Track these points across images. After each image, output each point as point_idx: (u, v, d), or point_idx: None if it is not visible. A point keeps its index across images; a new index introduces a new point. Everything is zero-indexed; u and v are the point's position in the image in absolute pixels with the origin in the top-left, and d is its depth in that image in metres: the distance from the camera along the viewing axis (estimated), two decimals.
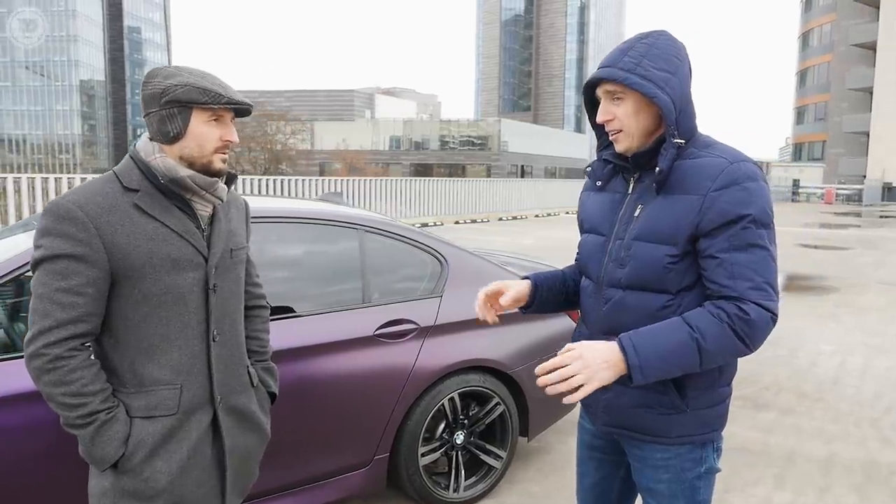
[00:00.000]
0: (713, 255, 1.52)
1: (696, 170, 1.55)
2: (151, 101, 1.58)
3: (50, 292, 1.49)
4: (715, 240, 1.51)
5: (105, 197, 1.55)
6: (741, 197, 1.50)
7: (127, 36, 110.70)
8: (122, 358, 1.59)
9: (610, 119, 1.61)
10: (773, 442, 4.11)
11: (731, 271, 1.50)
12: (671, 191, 1.57)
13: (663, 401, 1.62)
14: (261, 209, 2.93)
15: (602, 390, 1.68)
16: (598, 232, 1.74)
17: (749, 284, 1.49)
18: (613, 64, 1.58)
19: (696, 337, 1.48)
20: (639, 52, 1.57)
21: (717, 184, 1.52)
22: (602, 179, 1.75)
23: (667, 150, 1.56)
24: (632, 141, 1.62)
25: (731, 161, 1.54)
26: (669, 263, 1.56)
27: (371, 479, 2.94)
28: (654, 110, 1.58)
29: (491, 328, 3.20)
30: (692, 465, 1.67)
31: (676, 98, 1.55)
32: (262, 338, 1.96)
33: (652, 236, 1.58)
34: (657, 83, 1.54)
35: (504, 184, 26.91)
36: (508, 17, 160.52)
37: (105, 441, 1.53)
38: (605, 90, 1.61)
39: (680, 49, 1.61)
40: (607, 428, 1.76)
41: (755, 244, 1.50)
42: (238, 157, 49.18)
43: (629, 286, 1.62)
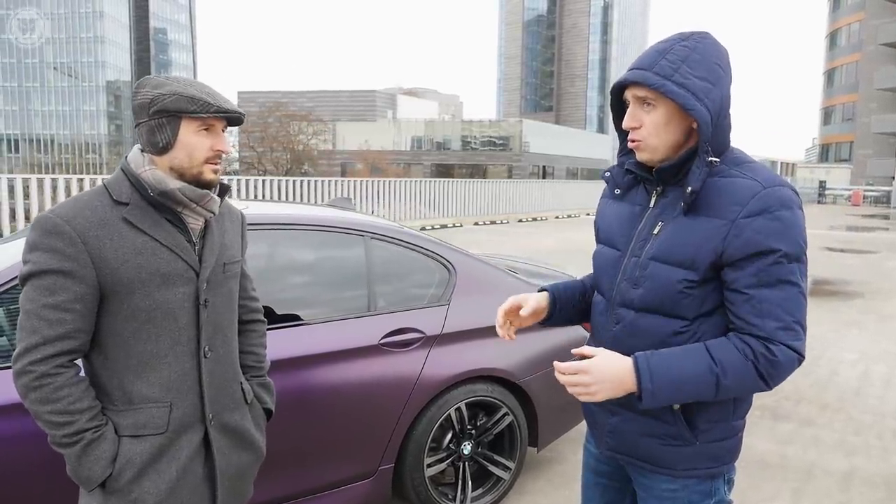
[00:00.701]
0: (740, 290, 1.41)
1: (726, 191, 1.43)
2: (141, 112, 1.55)
3: (37, 308, 1.46)
4: (742, 272, 1.40)
5: (94, 211, 1.52)
6: (773, 228, 1.38)
7: (153, 37, 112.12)
8: (111, 375, 1.56)
9: (637, 126, 1.48)
10: (791, 454, 4.00)
11: (759, 309, 1.39)
12: (697, 211, 1.45)
13: (671, 431, 1.53)
14: (266, 216, 2.92)
15: (609, 414, 1.63)
16: (612, 245, 1.63)
17: (778, 324, 1.39)
18: (649, 67, 1.43)
19: (716, 371, 1.40)
20: (678, 57, 1.42)
21: (747, 210, 1.39)
22: (621, 188, 1.63)
23: (699, 168, 1.42)
24: (655, 152, 1.49)
25: (766, 185, 1.41)
26: (686, 288, 1.45)
27: (376, 490, 2.90)
28: (685, 122, 1.45)
29: (498, 337, 3.15)
30: (700, 499, 1.58)
31: (715, 111, 1.42)
32: (259, 353, 1.92)
33: (670, 258, 1.47)
34: (696, 94, 1.40)
35: (524, 185, 26.79)
36: (531, 17, 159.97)
37: (92, 461, 1.50)
38: (634, 94, 1.47)
39: (723, 56, 1.47)
40: (612, 453, 1.67)
41: (786, 280, 1.40)
42: (260, 157, 49.60)
43: (642, 308, 1.51)
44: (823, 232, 19.76)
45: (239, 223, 1.83)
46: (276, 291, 2.84)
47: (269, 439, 2.50)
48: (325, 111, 78.67)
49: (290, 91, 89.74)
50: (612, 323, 1.59)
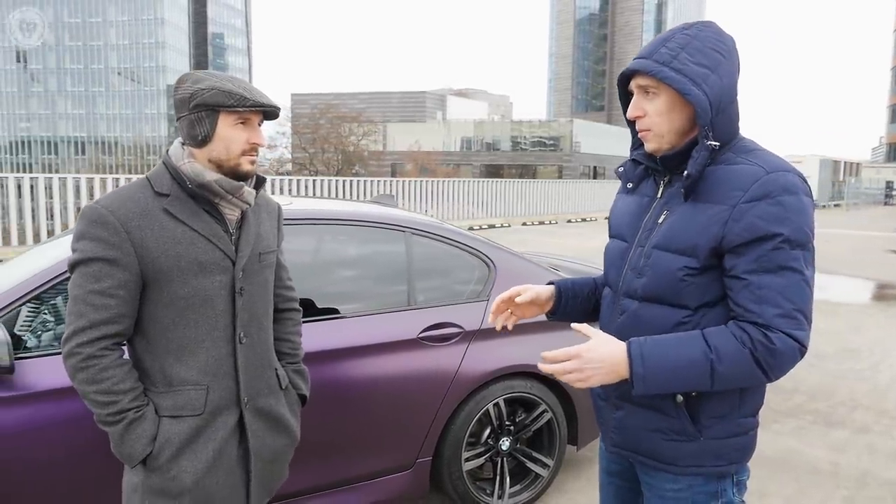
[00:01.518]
0: (739, 276, 1.39)
1: (728, 177, 1.42)
2: (181, 106, 1.62)
3: (84, 294, 1.55)
4: (741, 258, 1.38)
5: (136, 202, 1.59)
6: (774, 212, 1.36)
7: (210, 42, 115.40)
8: (152, 359, 1.64)
9: (640, 115, 1.49)
10: (844, 462, 3.87)
11: (758, 295, 1.36)
12: (699, 198, 1.45)
13: (674, 425, 1.49)
14: (310, 211, 2.98)
15: (614, 409, 1.61)
16: (621, 237, 1.63)
17: (777, 311, 1.35)
18: (649, 55, 1.45)
19: (710, 358, 1.36)
20: (678, 44, 1.43)
21: (748, 195, 1.38)
22: (633, 181, 1.63)
23: (698, 153, 1.42)
24: (661, 141, 1.49)
25: (769, 170, 1.39)
26: (687, 276, 1.43)
27: (414, 482, 2.93)
28: (688, 110, 1.44)
29: (538, 333, 3.15)
30: (706, 499, 1.52)
31: (714, 96, 1.41)
32: (294, 340, 1.98)
33: (671, 246, 1.46)
34: (693, 78, 1.40)
35: (573, 185, 26.56)
36: (583, 15, 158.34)
37: (133, 439, 1.58)
38: (637, 84, 1.48)
39: (725, 42, 1.46)
40: (617, 449, 1.64)
41: (787, 266, 1.36)
42: (312, 158, 50.42)
43: (645, 298, 1.50)
44: (889, 234, 18.94)
45: (276, 215, 1.89)
46: (318, 285, 2.90)
47: (310, 429, 2.57)
48: (376, 112, 79.45)
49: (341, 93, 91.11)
50: (616, 314, 1.58)
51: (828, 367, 5.72)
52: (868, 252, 14.63)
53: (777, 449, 4.02)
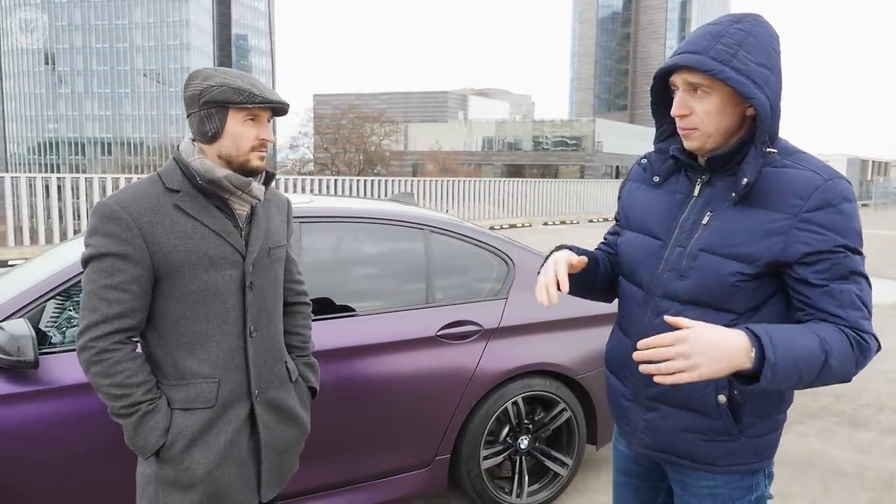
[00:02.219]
0: (816, 284, 1.36)
1: (782, 183, 1.37)
2: (192, 103, 1.64)
3: (97, 289, 1.58)
4: (814, 267, 1.35)
5: (148, 198, 1.62)
6: (839, 221, 1.35)
7: (234, 43, 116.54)
8: (164, 352, 1.66)
9: (687, 114, 1.41)
10: (869, 464, 3.80)
11: (840, 300, 1.35)
12: (750, 202, 1.39)
13: (716, 426, 1.47)
14: (329, 209, 3.00)
15: (644, 410, 1.57)
16: (651, 234, 1.55)
17: (860, 315, 1.35)
18: (704, 51, 1.35)
19: (826, 349, 1.29)
20: (734, 41, 1.35)
21: (810, 204, 1.34)
22: (660, 175, 1.56)
23: (755, 158, 1.37)
24: (706, 141, 1.42)
25: (827, 178, 1.36)
26: (739, 281, 1.39)
27: (432, 480, 2.94)
28: (739, 108, 1.39)
29: (557, 331, 3.14)
30: (742, 494, 1.52)
31: (774, 99, 1.36)
32: (304, 333, 2.00)
33: (724, 250, 1.41)
34: (756, 81, 1.33)
35: (594, 185, 26.38)
36: (605, 14, 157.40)
37: (147, 431, 1.61)
38: (685, 79, 1.39)
39: (777, 40, 1.41)
40: (647, 451, 1.59)
41: (856, 272, 1.37)
42: (334, 158, 50.74)
43: (689, 301, 1.44)
44: None
45: (285, 210, 1.92)
46: (337, 282, 2.92)
47: (328, 426, 2.60)
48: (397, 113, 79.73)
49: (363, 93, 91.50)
50: (652, 315, 1.52)
51: None
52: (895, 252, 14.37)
53: (802, 450, 3.96)
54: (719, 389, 1.44)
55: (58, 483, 2.22)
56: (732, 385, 1.42)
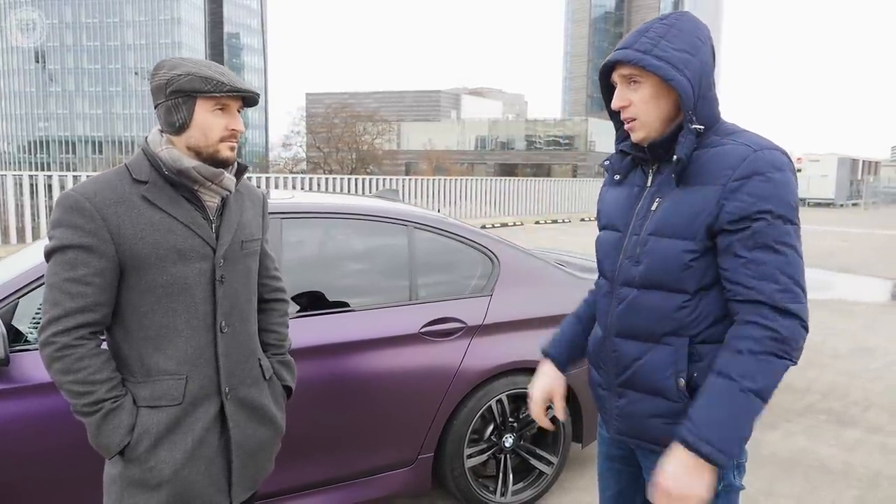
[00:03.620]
0: (736, 254, 1.40)
1: (716, 159, 1.44)
2: (158, 93, 1.60)
3: (59, 282, 1.53)
4: (736, 236, 1.40)
5: (113, 188, 1.57)
6: (765, 189, 1.38)
7: (226, 42, 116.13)
8: (130, 348, 1.61)
9: (626, 105, 1.51)
10: (856, 461, 3.80)
11: (756, 272, 1.38)
12: (690, 182, 1.47)
13: (678, 410, 1.50)
14: (311, 204, 2.97)
15: (616, 397, 1.62)
16: (614, 228, 1.64)
17: (776, 287, 1.37)
18: (630, 45, 1.48)
19: (746, 387, 1.36)
20: (657, 33, 1.47)
21: (738, 173, 1.40)
22: (620, 173, 1.65)
23: (685, 137, 1.45)
24: (649, 130, 1.51)
25: (756, 149, 1.42)
26: (690, 260, 1.45)
27: (415, 478, 2.91)
28: (673, 96, 1.47)
29: (542, 328, 3.11)
30: None
31: (696, 81, 1.45)
32: (280, 331, 1.95)
33: (668, 230, 1.48)
34: (675, 65, 1.43)
35: (586, 184, 26.40)
36: (598, 14, 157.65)
37: (110, 429, 1.56)
38: (620, 74, 1.51)
39: (702, 30, 1.51)
40: (620, 437, 1.66)
41: (782, 242, 1.38)
42: (326, 158, 50.62)
43: (643, 285, 1.52)
44: None
45: (260, 203, 1.87)
46: (319, 278, 2.89)
47: (309, 423, 2.56)
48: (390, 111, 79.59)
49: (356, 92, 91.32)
50: (615, 303, 1.59)
51: (842, 367, 5.63)
52: (887, 251, 14.41)
53: (788, 448, 3.95)
54: (678, 373, 1.49)
55: (29, 481, 2.18)
56: (691, 368, 1.48)
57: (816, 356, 5.91)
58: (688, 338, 1.48)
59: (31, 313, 2.38)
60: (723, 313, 1.47)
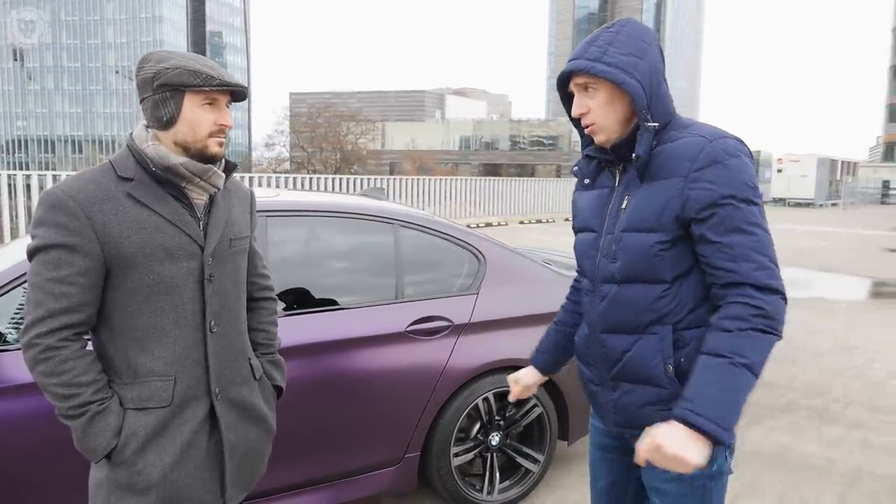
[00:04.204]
0: (710, 240, 1.47)
1: (676, 152, 1.52)
2: (144, 87, 1.56)
3: (42, 282, 1.49)
4: (707, 223, 1.47)
5: (98, 186, 1.53)
6: (725, 175, 1.46)
7: (209, 40, 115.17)
8: (116, 349, 1.58)
9: (585, 112, 1.59)
10: (837, 458, 3.84)
11: (732, 254, 1.45)
12: (653, 177, 1.54)
13: (668, 395, 1.54)
14: (296, 202, 2.95)
15: (610, 390, 1.67)
16: (589, 229, 1.71)
17: (753, 266, 1.44)
18: (580, 55, 1.57)
19: (738, 362, 1.40)
20: (604, 41, 1.56)
21: (697, 163, 1.48)
22: (589, 177, 1.72)
23: (642, 135, 1.52)
24: (609, 133, 1.59)
25: (711, 139, 1.50)
26: (661, 251, 1.52)
27: (401, 478, 2.90)
28: (627, 99, 1.55)
29: (528, 327, 3.11)
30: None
31: (646, 81, 1.53)
32: (269, 330, 1.92)
33: (639, 225, 1.54)
34: (623, 68, 1.52)
35: (571, 184, 26.47)
36: (582, 14, 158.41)
37: (97, 432, 1.52)
38: (576, 83, 1.59)
39: (646, 33, 1.59)
40: (618, 429, 1.71)
41: (751, 222, 1.46)
42: (310, 157, 50.38)
43: (623, 280, 1.59)
44: (885, 233, 18.91)
45: (248, 201, 1.84)
46: (304, 277, 2.87)
47: (295, 423, 2.54)
48: (375, 111, 79.41)
49: (340, 92, 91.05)
50: (598, 301, 1.65)
51: (823, 364, 5.70)
52: (865, 250, 14.60)
53: (771, 444, 3.99)
54: (666, 360, 1.55)
55: (10, 483, 2.14)
56: (678, 354, 1.54)
57: (797, 354, 5.98)
58: (671, 325, 1.54)
59: (10, 312, 2.34)
60: (702, 298, 1.54)
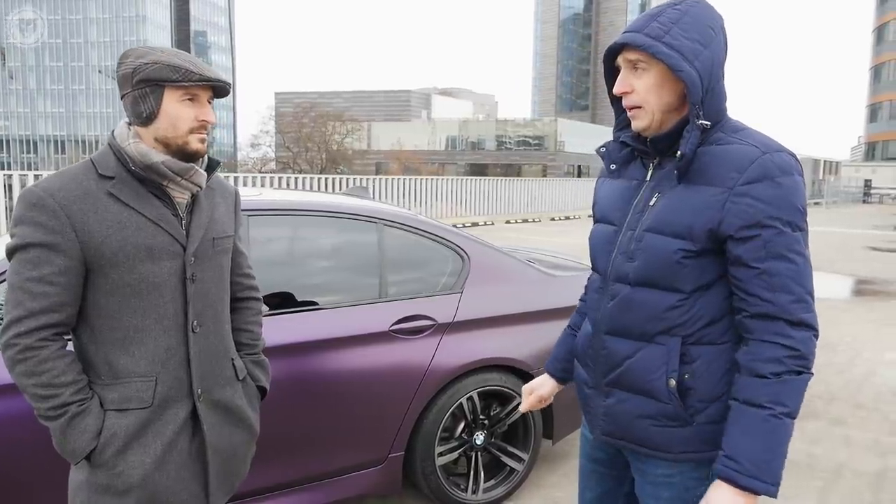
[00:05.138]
0: (748, 265, 1.36)
1: (722, 158, 1.38)
2: (124, 82, 1.54)
3: (21, 281, 1.47)
4: (747, 244, 1.35)
5: (79, 184, 1.51)
6: (775, 194, 1.33)
7: (193, 40, 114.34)
8: (97, 349, 1.56)
9: (628, 91, 1.44)
10: (819, 453, 3.87)
11: (771, 283, 1.34)
12: (693, 180, 1.41)
13: (667, 411, 1.47)
14: (279, 201, 2.93)
15: (603, 396, 1.58)
16: (608, 221, 1.58)
17: (791, 298, 1.34)
18: (639, 29, 1.40)
19: (779, 412, 1.34)
20: (669, 19, 1.39)
21: (745, 176, 1.34)
22: (617, 163, 1.59)
23: (690, 132, 1.38)
24: (651, 119, 1.44)
25: (765, 151, 1.36)
26: (683, 258, 1.40)
27: (386, 477, 2.88)
28: (678, 87, 1.41)
29: (512, 326, 3.12)
30: (696, 484, 1.50)
31: (705, 74, 1.38)
32: (253, 330, 1.90)
33: (666, 228, 1.42)
34: (685, 55, 1.36)
35: (556, 183, 26.60)
36: (567, 15, 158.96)
37: (76, 434, 1.50)
38: (626, 58, 1.43)
39: (716, 20, 1.43)
40: (606, 438, 1.61)
41: (794, 250, 1.35)
42: (296, 157, 50.19)
43: (637, 282, 1.47)
44: (868, 231, 19.15)
45: (232, 199, 1.82)
46: (287, 276, 2.85)
47: (278, 423, 2.52)
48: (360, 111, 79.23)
49: (325, 92, 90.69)
50: (606, 299, 1.54)
51: None
52: (847, 249, 14.76)
53: None
54: (670, 374, 1.45)
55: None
56: (683, 369, 1.44)
57: None
58: (680, 338, 1.44)
59: None
60: (720, 315, 1.44)
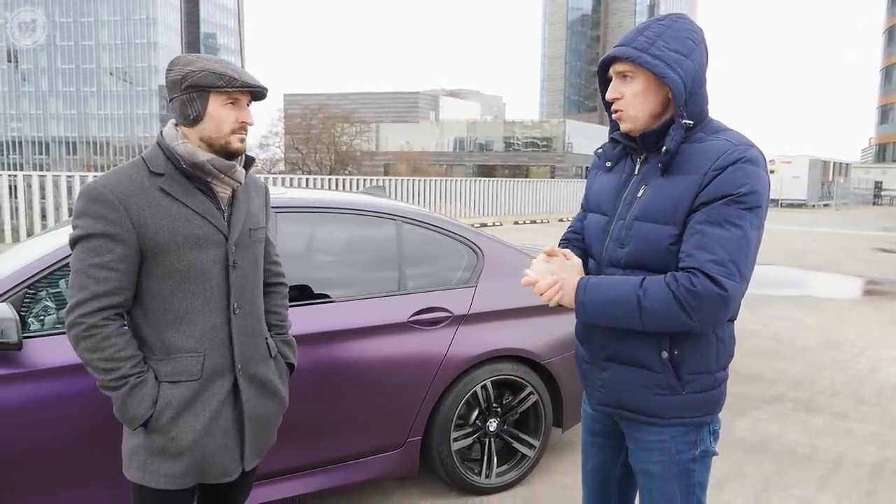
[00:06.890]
0: (692, 227, 1.54)
1: (700, 152, 1.57)
2: (174, 88, 1.73)
3: (85, 268, 1.65)
4: (698, 213, 1.53)
5: (133, 181, 1.70)
6: (735, 176, 1.51)
7: (203, 42, 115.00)
8: (151, 329, 1.74)
9: (618, 97, 1.63)
10: (821, 445, 4.00)
11: (699, 242, 1.51)
12: (674, 171, 1.59)
13: (659, 380, 1.64)
14: (305, 199, 3.09)
15: (600, 370, 1.75)
16: (601, 212, 1.77)
17: (710, 257, 1.49)
18: (628, 43, 1.60)
19: (638, 293, 1.53)
20: (654, 33, 1.59)
21: (716, 164, 1.53)
22: (612, 160, 1.77)
23: (675, 130, 1.57)
24: (636, 121, 1.63)
25: (736, 144, 1.55)
26: (671, 244, 1.57)
27: (404, 461, 3.04)
28: (663, 92, 1.60)
29: (524, 318, 3.26)
30: (687, 448, 1.69)
31: (688, 80, 1.57)
32: (282, 312, 2.09)
33: (652, 216, 1.60)
34: (669, 63, 1.55)
35: (564, 184, 26.68)
36: (575, 17, 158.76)
37: (136, 402, 1.69)
38: (616, 69, 1.63)
39: (696, 32, 1.62)
40: (603, 407, 1.79)
41: (732, 222, 1.50)
42: (305, 158, 50.41)
43: (629, 265, 1.64)
44: (877, 233, 19.15)
45: (263, 194, 2.02)
46: (312, 270, 3.01)
47: (304, 408, 2.68)
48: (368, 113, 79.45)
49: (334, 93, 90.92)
50: None
51: (810, 359, 5.86)
52: (856, 250, 14.80)
53: (757, 434, 4.14)
54: (661, 347, 1.62)
55: (40, 463, 2.28)
56: (673, 346, 1.61)
57: (786, 349, 6.15)
58: None
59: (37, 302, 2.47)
60: None
